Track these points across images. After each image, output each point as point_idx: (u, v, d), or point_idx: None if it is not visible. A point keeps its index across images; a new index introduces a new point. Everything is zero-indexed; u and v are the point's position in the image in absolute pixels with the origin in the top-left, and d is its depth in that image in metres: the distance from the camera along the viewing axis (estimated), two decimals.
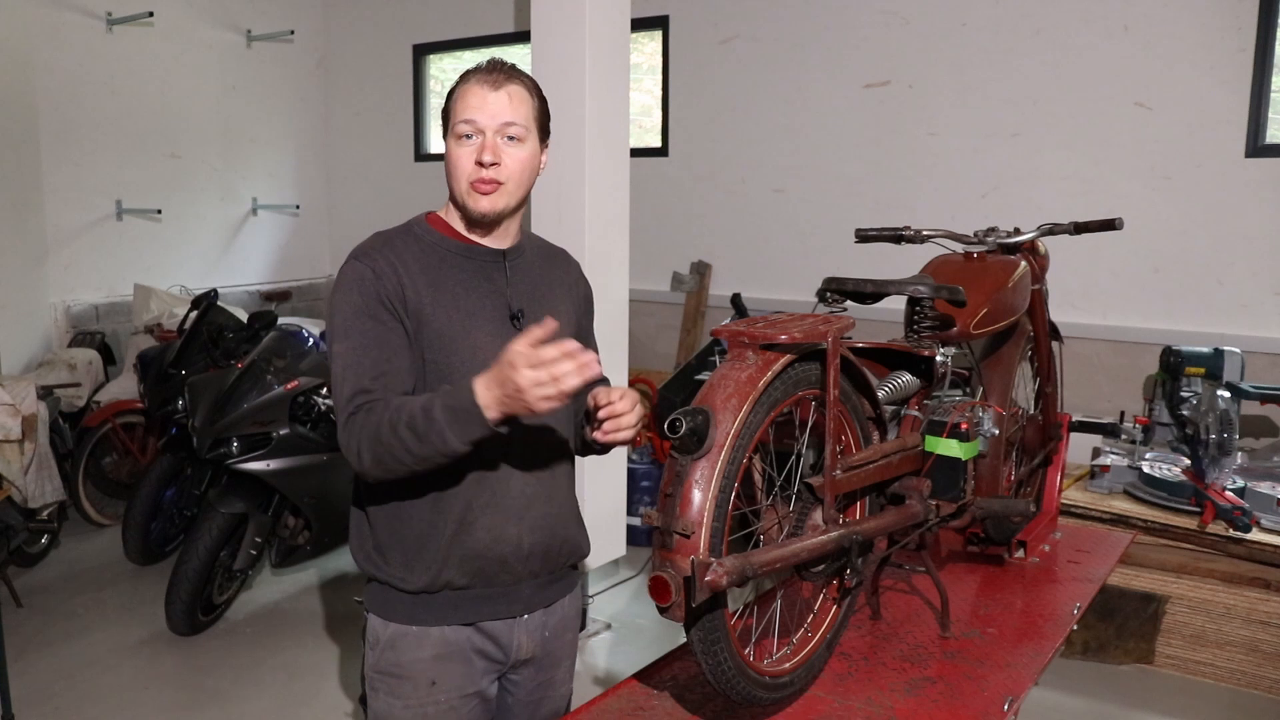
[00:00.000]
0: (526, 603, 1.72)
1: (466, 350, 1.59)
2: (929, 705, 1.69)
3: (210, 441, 3.68)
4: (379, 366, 1.54)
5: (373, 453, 1.48)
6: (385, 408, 1.49)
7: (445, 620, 1.65)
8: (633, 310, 4.16)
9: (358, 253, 1.62)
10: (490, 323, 1.63)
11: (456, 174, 1.61)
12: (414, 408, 1.45)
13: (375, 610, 1.69)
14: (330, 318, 1.60)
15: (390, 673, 1.67)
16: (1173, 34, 4.31)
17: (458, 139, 1.61)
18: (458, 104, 1.61)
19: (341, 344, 1.56)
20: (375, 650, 1.69)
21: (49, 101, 5.47)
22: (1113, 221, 2.32)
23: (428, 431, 1.42)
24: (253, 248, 6.81)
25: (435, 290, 1.60)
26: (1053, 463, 2.66)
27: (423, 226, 1.68)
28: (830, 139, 5.24)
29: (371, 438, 1.48)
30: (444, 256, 1.64)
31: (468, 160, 1.59)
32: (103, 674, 3.56)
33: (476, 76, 1.62)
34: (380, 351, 1.55)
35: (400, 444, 1.45)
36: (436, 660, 1.65)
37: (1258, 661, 3.42)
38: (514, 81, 1.62)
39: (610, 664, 3.68)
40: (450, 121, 1.63)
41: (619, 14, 3.65)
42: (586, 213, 3.59)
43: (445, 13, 6.65)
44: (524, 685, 1.78)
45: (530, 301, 1.69)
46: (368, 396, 1.52)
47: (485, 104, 1.59)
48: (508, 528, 1.64)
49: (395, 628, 1.66)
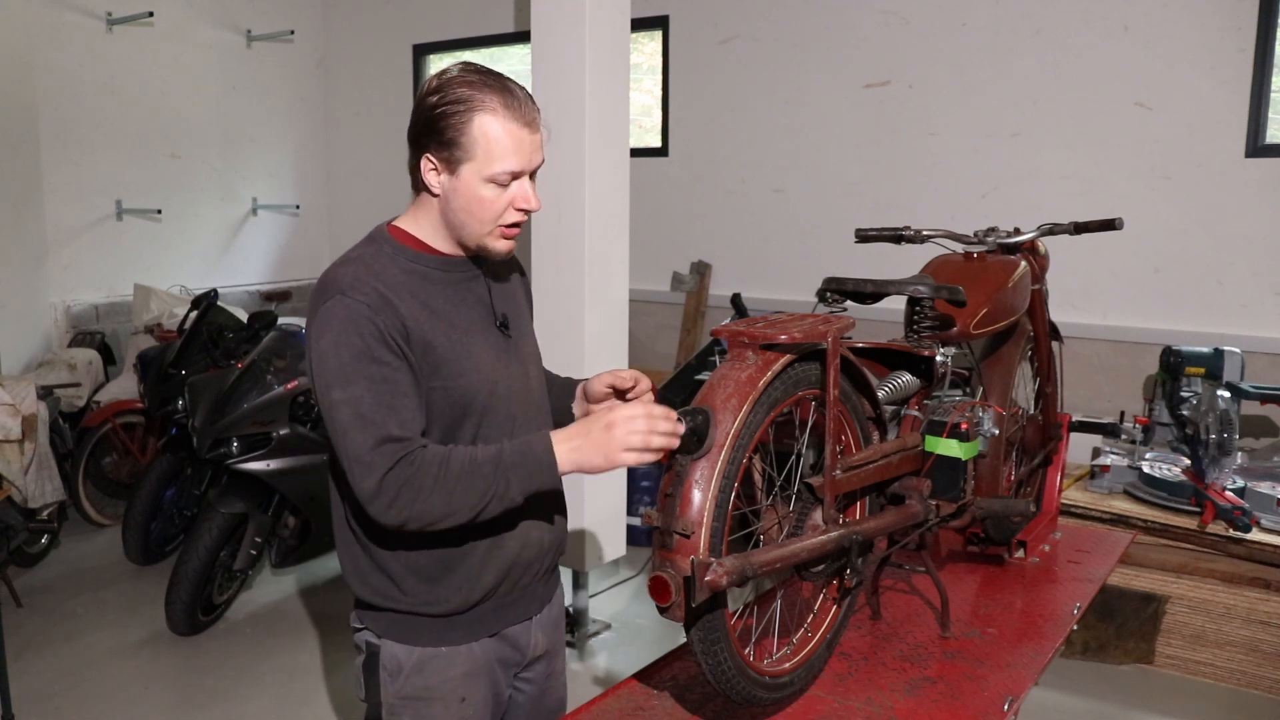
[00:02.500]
0: (540, 600, 1.74)
1: (472, 370, 1.55)
2: (929, 705, 1.69)
3: (210, 441, 3.67)
4: (398, 413, 1.43)
5: (424, 506, 1.40)
6: (434, 456, 1.41)
7: (475, 636, 1.63)
8: (633, 310, 4.16)
9: (340, 287, 1.47)
10: (483, 335, 1.60)
11: (484, 216, 1.51)
12: (477, 459, 1.42)
13: (395, 638, 1.62)
14: (320, 361, 1.44)
15: (418, 696, 1.62)
16: (1173, 34, 4.31)
17: (489, 182, 1.48)
18: (490, 144, 1.46)
19: (344, 391, 1.42)
20: (398, 677, 1.62)
21: (49, 101, 5.47)
22: (1113, 221, 2.32)
23: (494, 485, 1.42)
24: (253, 248, 6.81)
25: (430, 313, 1.52)
26: (1053, 463, 2.66)
27: (392, 244, 1.56)
28: (830, 139, 5.24)
29: (426, 490, 1.39)
30: (425, 275, 1.55)
31: (502, 205, 1.50)
32: (103, 674, 3.56)
33: (506, 111, 1.47)
34: (394, 396, 1.44)
35: (459, 498, 1.41)
36: (466, 677, 1.63)
37: (1258, 661, 3.42)
38: (537, 114, 1.52)
39: (610, 664, 3.68)
40: (473, 160, 1.47)
41: (619, 14, 3.65)
42: (586, 213, 3.59)
43: (445, 13, 6.65)
44: (533, 681, 1.79)
45: (507, 305, 1.68)
46: (402, 447, 1.40)
47: (523, 147, 1.48)
48: (532, 531, 1.65)
49: (422, 651, 1.61)
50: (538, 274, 3.68)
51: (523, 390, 1.65)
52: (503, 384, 1.61)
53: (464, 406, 1.55)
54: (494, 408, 1.59)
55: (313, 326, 1.48)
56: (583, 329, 3.64)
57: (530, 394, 1.68)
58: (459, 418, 1.55)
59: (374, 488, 1.39)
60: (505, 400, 1.61)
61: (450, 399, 1.53)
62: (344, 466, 1.43)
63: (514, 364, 1.64)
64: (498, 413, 1.59)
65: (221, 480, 3.94)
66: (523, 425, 1.63)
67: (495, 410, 1.59)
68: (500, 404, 1.60)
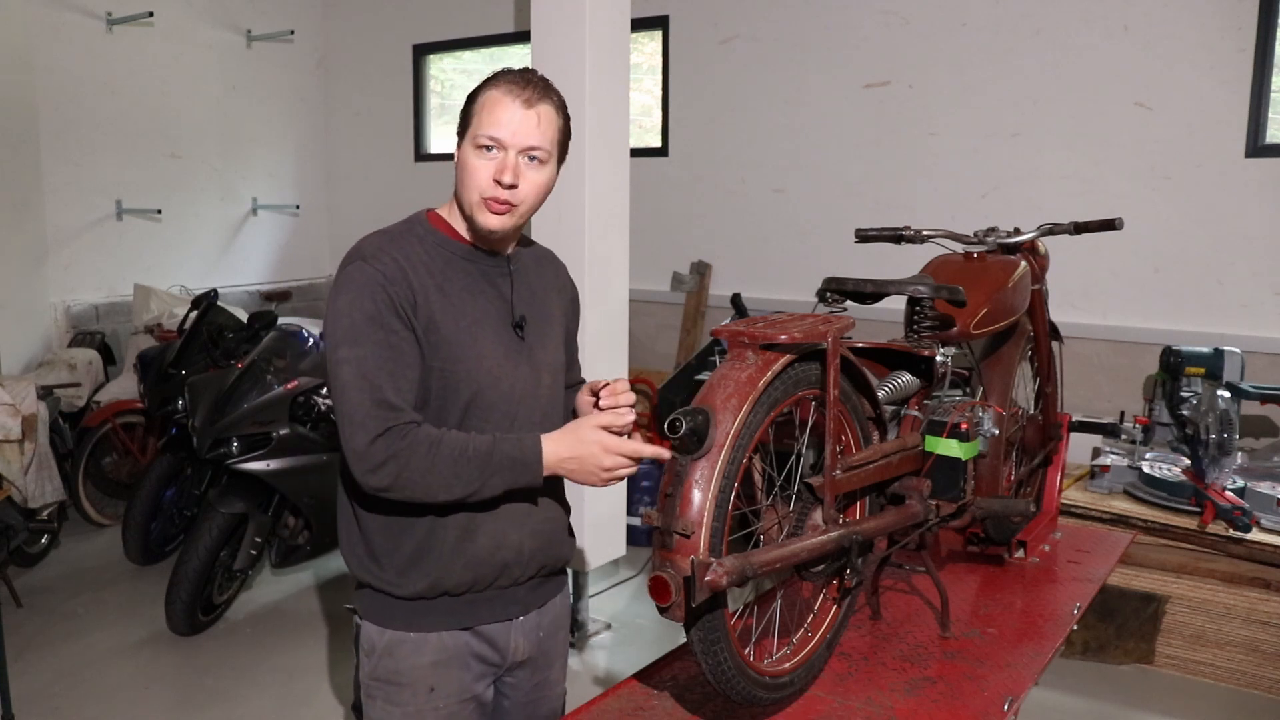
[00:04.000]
0: (523, 604, 1.72)
1: (473, 359, 1.57)
2: (929, 705, 1.69)
3: (210, 441, 3.67)
4: (397, 380, 1.48)
5: (409, 479, 1.46)
6: (426, 436, 1.47)
7: (443, 625, 1.64)
8: (633, 310, 4.16)
9: (363, 254, 1.54)
10: (495, 330, 1.61)
11: (470, 184, 1.54)
12: (469, 449, 1.48)
13: (370, 617, 1.66)
14: (334, 320, 1.51)
15: (388, 680, 1.65)
16: (1173, 34, 4.31)
17: (477, 149, 1.53)
18: (484, 113, 1.53)
19: (351, 349, 1.48)
20: (371, 658, 1.66)
21: (49, 101, 5.47)
22: (1113, 221, 2.32)
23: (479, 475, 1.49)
24: (253, 248, 6.81)
25: (443, 295, 1.56)
26: (1053, 463, 2.66)
27: (425, 226, 1.62)
28: (830, 139, 5.24)
29: (417, 468, 1.45)
30: (449, 259, 1.60)
31: (484, 174, 1.53)
32: (103, 674, 3.56)
33: (508, 87, 1.53)
34: (397, 364, 1.49)
35: (443, 481, 1.47)
36: (435, 666, 1.64)
37: (1258, 661, 3.42)
38: (546, 101, 1.55)
39: (610, 664, 3.68)
40: (471, 127, 1.55)
41: (619, 14, 3.65)
42: (586, 213, 3.59)
43: (445, 13, 6.65)
44: (520, 687, 1.78)
45: (530, 308, 1.68)
46: (396, 415, 1.46)
47: (514, 122, 1.52)
48: (510, 534, 1.64)
49: (392, 634, 1.64)
50: None
51: (529, 394, 1.65)
52: (505, 382, 1.61)
53: (455, 393, 1.56)
54: (493, 404, 1.59)
55: (333, 287, 1.55)
56: (583, 329, 3.63)
57: (538, 399, 1.67)
58: (449, 403, 1.57)
59: (362, 448, 1.45)
60: (507, 399, 1.61)
61: (444, 382, 1.56)
62: (338, 424, 1.49)
63: (523, 365, 1.64)
64: (495, 409, 1.60)
65: (221, 480, 3.94)
66: (522, 428, 1.63)
67: (494, 406, 1.59)
68: (501, 401, 1.60)
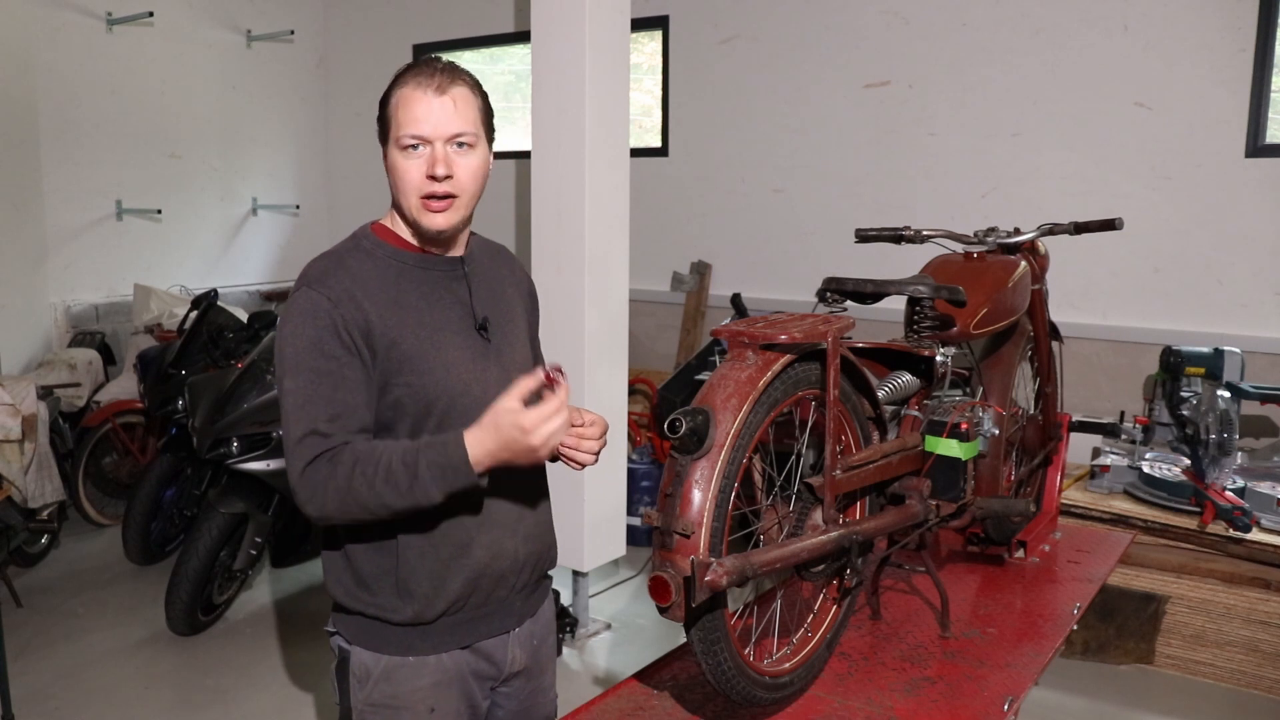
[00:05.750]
0: (518, 615, 1.70)
1: (440, 369, 1.53)
2: (929, 705, 1.69)
3: (210, 441, 3.67)
4: (333, 407, 1.45)
5: (339, 503, 1.42)
6: (351, 455, 1.43)
7: (443, 647, 1.61)
8: (633, 310, 4.16)
9: (308, 279, 1.50)
10: (458, 336, 1.57)
11: (404, 187, 1.50)
12: (392, 461, 1.42)
13: (363, 644, 1.61)
14: (279, 350, 1.49)
15: (386, 705, 1.60)
16: (1173, 34, 4.31)
17: (403, 150, 1.49)
18: (400, 112, 1.49)
19: (292, 380, 1.46)
20: (366, 684, 1.61)
21: (49, 101, 5.47)
22: (1113, 221, 2.32)
23: (410, 487, 1.41)
24: (253, 248, 6.81)
25: (399, 310, 1.51)
26: (1053, 463, 2.67)
27: (371, 240, 1.57)
28: (830, 139, 5.24)
29: (341, 489, 1.42)
30: (400, 271, 1.55)
31: (416, 173, 1.48)
32: (103, 674, 3.56)
33: (416, 80, 1.49)
34: (334, 390, 1.45)
35: (376, 497, 1.41)
36: (435, 687, 1.61)
37: (1258, 661, 3.42)
38: (457, 83, 1.50)
39: (610, 664, 3.68)
40: (391, 130, 1.50)
41: (619, 14, 3.65)
42: (586, 213, 3.59)
43: (445, 13, 6.65)
44: (515, 696, 1.75)
45: (491, 308, 1.64)
46: (324, 442, 1.44)
47: (431, 113, 1.47)
48: (505, 542, 1.61)
49: (389, 659, 1.59)
50: (538, 274, 3.68)
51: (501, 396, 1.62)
52: (476, 386, 1.57)
53: (428, 405, 1.53)
54: (467, 411, 1.53)
55: (281, 315, 1.54)
56: (583, 329, 3.64)
57: None
58: (423, 416, 1.53)
59: (296, 479, 1.44)
60: (480, 404, 1.51)
61: (415, 396, 1.52)
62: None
63: (492, 368, 1.60)
64: (471, 417, 1.50)
65: (221, 480, 3.94)
66: None
67: (468, 414, 1.51)
68: (475, 408, 1.52)
